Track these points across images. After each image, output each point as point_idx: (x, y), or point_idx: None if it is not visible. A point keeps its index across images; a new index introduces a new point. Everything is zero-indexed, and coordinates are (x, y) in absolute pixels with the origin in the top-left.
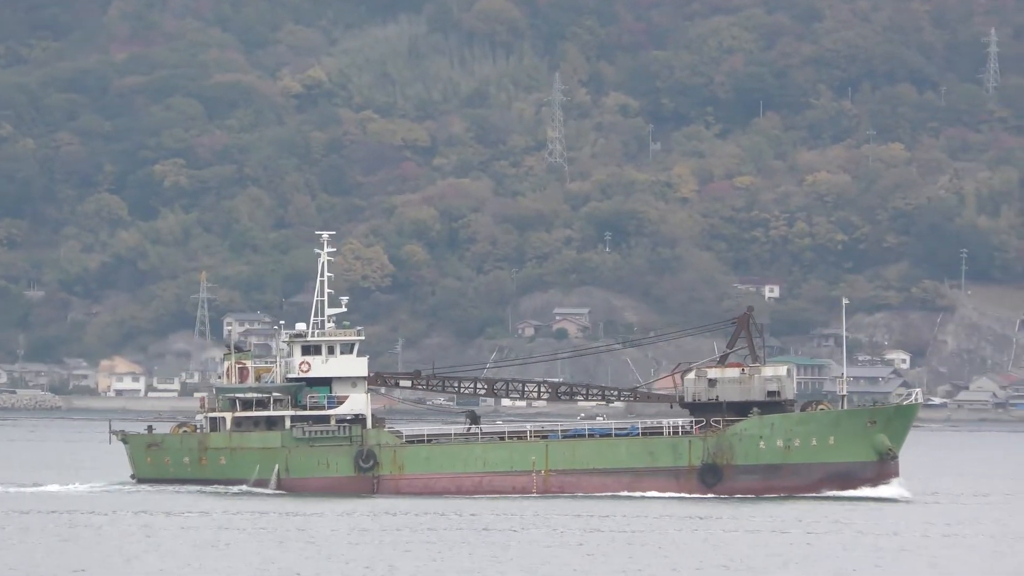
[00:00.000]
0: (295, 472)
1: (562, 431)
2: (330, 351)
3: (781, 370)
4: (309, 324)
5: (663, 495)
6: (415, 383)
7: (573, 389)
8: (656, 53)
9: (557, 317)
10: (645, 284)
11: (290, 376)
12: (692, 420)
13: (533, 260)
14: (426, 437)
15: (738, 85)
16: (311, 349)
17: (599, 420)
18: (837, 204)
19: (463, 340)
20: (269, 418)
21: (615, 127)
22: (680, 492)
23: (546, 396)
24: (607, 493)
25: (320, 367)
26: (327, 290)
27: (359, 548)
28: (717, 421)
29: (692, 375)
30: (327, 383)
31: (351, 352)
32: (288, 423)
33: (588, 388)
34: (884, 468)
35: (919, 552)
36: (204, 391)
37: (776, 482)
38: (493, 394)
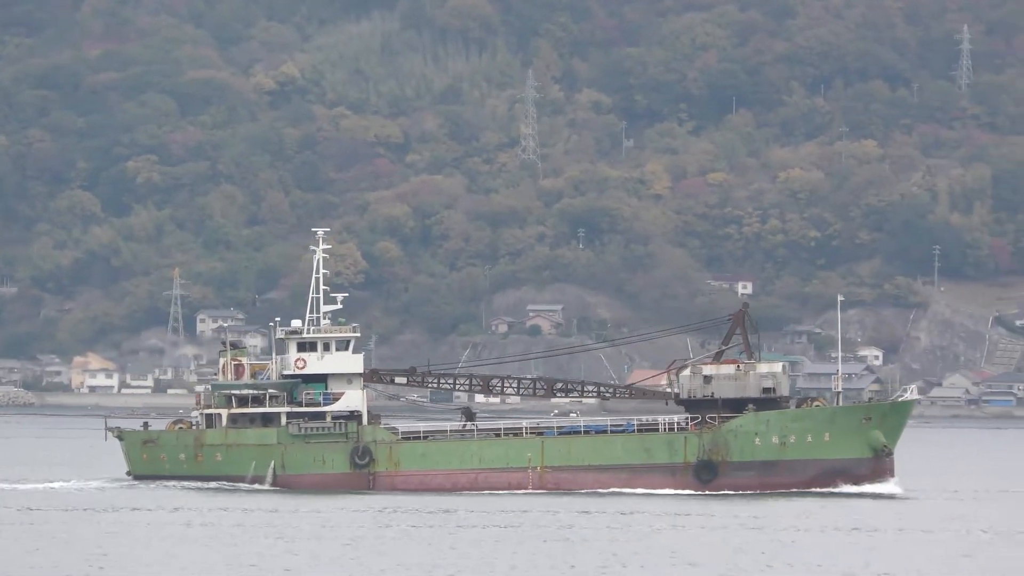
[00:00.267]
0: (291, 469)
1: (558, 428)
2: (326, 348)
3: (776, 366)
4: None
5: (659, 492)
6: (410, 380)
7: (568, 386)
8: (629, 50)
9: (531, 314)
10: (618, 281)
11: (286, 373)
12: (688, 417)
13: (506, 257)
14: (422, 433)
15: (711, 82)
16: (307, 346)
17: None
18: (810, 201)
19: (436, 337)
20: (265, 415)
21: (588, 124)
22: (676, 489)
23: (541, 393)
24: (603, 489)
25: (316, 363)
26: (322, 287)
27: (350, 545)
28: (712, 418)
29: (687, 371)
30: (323, 379)
31: (346, 349)
32: (284, 420)
33: (583, 385)
34: (879, 464)
35: (908, 547)
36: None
37: (772, 478)
38: (488, 391)
